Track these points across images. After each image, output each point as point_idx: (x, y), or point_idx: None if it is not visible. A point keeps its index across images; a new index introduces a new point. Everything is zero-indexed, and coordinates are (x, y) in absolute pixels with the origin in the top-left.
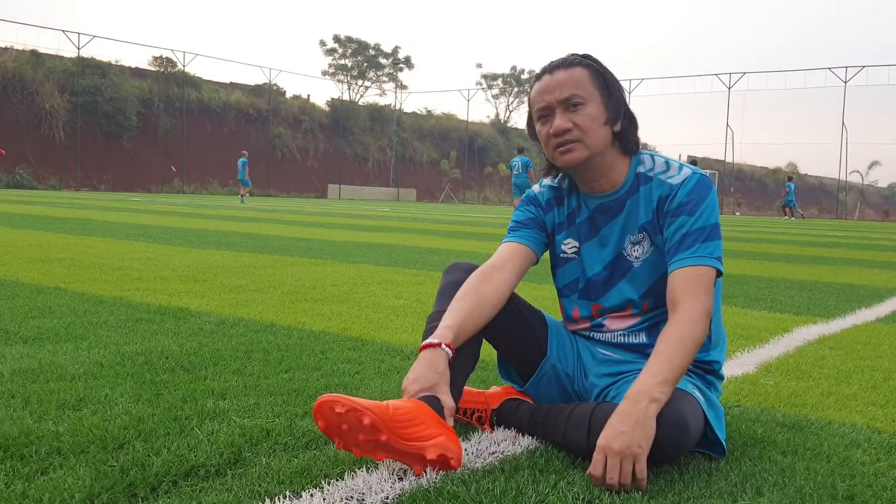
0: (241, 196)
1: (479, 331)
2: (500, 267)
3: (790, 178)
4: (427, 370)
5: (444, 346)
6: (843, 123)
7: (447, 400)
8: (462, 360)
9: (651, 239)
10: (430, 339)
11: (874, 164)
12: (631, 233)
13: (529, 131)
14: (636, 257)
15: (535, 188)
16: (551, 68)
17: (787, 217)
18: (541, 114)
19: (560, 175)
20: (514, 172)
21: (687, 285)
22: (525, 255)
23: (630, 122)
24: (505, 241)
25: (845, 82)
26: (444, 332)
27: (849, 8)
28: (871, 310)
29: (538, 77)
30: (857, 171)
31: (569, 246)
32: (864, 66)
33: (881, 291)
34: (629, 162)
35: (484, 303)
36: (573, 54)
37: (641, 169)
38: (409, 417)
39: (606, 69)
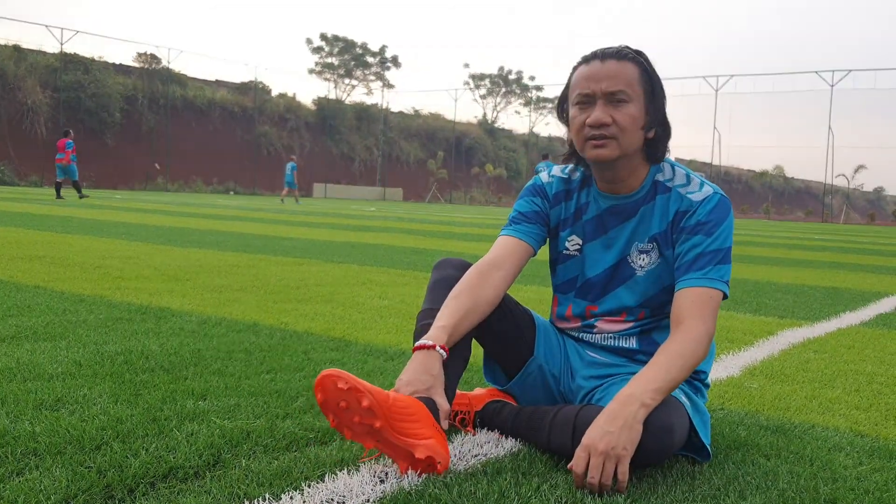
0: (285, 197)
1: (472, 330)
2: (499, 265)
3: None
4: (421, 372)
5: (438, 347)
6: (829, 127)
7: (442, 402)
8: (454, 361)
9: (660, 251)
10: (423, 341)
11: (860, 167)
12: (640, 241)
13: (559, 111)
14: (641, 266)
15: (544, 177)
16: (603, 55)
17: None
18: (581, 99)
19: (572, 166)
20: None
21: (695, 306)
22: (524, 252)
23: (664, 131)
24: (504, 234)
25: (832, 86)
26: (439, 333)
27: (836, 12)
28: (856, 313)
29: (586, 60)
30: (844, 175)
31: (572, 243)
32: (850, 71)
33: (866, 295)
34: (649, 169)
35: (480, 302)
36: (627, 47)
37: (660, 177)
38: (408, 412)
39: (656, 73)
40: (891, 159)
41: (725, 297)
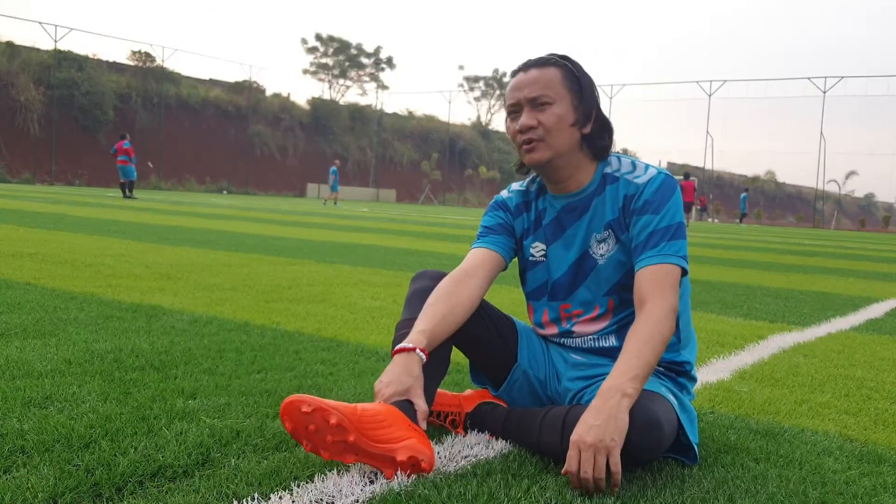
0: (328, 200)
1: (450, 336)
2: (472, 273)
3: (746, 190)
4: (402, 374)
5: (418, 350)
6: (821, 133)
7: (421, 404)
8: (434, 365)
9: (617, 237)
10: (403, 344)
11: (851, 173)
12: (597, 231)
13: (507, 127)
14: (601, 255)
15: (504, 193)
16: (526, 66)
17: (739, 223)
18: (510, 109)
19: (529, 179)
20: None
21: (653, 283)
22: (495, 262)
23: (602, 127)
24: (475, 247)
25: (824, 92)
26: (418, 336)
27: (829, 19)
28: (846, 318)
29: (513, 74)
30: (835, 181)
31: (537, 249)
32: (842, 77)
33: (856, 300)
34: (597, 164)
35: (457, 308)
36: (551, 54)
37: (608, 170)
38: (378, 420)
39: (582, 71)
40: (882, 166)
41: (685, 272)
